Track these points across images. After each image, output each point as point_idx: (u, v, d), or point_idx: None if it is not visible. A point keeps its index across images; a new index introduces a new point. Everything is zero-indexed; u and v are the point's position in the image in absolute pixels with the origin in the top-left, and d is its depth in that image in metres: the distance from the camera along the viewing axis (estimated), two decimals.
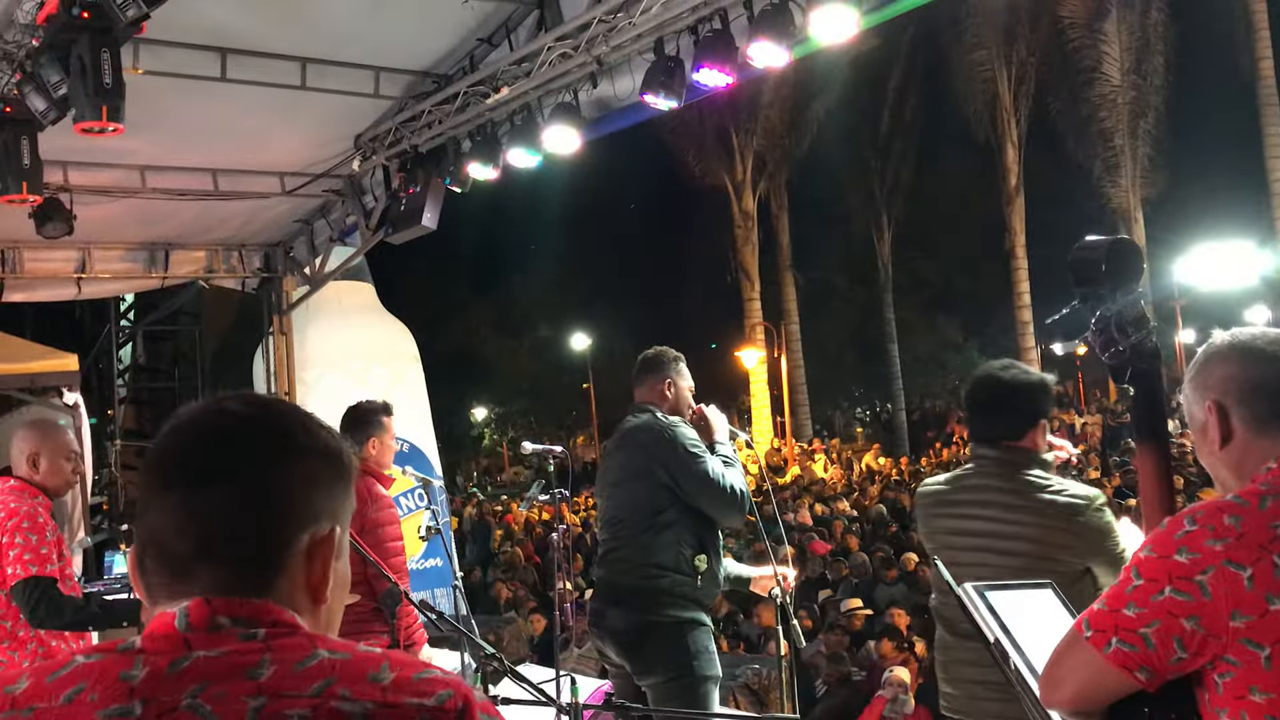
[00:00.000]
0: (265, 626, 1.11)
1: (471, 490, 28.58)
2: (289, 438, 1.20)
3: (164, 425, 1.22)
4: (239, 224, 9.43)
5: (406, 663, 1.13)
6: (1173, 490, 1.85)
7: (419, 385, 10.98)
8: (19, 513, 3.92)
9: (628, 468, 4.25)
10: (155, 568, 1.15)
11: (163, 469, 1.17)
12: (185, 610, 1.11)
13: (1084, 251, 1.87)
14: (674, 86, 6.00)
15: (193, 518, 1.13)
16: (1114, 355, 1.81)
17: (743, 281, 29.23)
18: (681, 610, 4.02)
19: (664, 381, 4.37)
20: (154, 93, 6.18)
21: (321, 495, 1.20)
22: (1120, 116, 25.17)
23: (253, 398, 1.24)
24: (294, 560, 1.17)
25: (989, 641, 2.40)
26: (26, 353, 8.65)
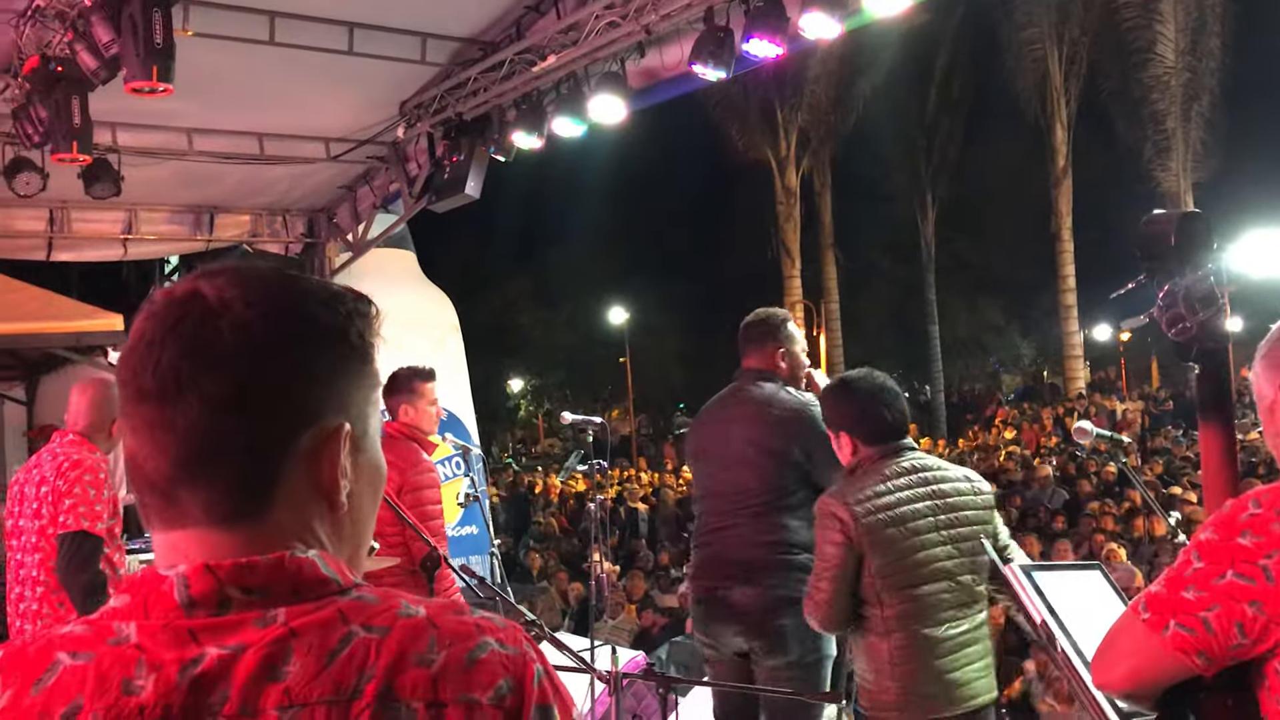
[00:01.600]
0: (284, 598, 0.93)
1: (507, 461, 28.73)
2: (274, 322, 0.98)
3: (138, 313, 1.02)
4: (284, 189, 9.47)
5: (457, 632, 0.94)
6: (1236, 471, 1.81)
7: (458, 354, 11.01)
8: (82, 464, 3.98)
9: (757, 443, 4.00)
10: (141, 488, 0.98)
11: (131, 371, 0.97)
12: (184, 579, 0.92)
13: (1153, 225, 1.82)
14: (723, 57, 5.94)
15: (167, 435, 0.95)
16: (1181, 332, 1.75)
17: (783, 258, 29.05)
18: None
19: (779, 349, 4.17)
20: (202, 55, 6.20)
21: (320, 389, 1.00)
22: (1173, 99, 24.70)
23: (234, 273, 1.01)
24: (294, 466, 0.98)
25: (1035, 622, 2.37)
26: (73, 312, 8.74)
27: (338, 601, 0.94)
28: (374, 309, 1.08)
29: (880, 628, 3.29)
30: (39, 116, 6.02)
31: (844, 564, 3.28)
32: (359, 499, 1.04)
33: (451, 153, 7.86)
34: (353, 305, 1.05)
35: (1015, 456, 18.19)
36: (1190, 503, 10.50)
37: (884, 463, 3.39)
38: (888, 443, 3.42)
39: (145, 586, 0.94)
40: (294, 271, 1.08)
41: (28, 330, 8.28)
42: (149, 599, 0.93)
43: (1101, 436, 3.83)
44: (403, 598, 0.97)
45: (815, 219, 30.93)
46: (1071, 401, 25.06)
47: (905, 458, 3.41)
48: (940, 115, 30.56)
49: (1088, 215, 27.27)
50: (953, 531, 3.34)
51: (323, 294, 1.04)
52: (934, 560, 3.30)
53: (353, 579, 0.98)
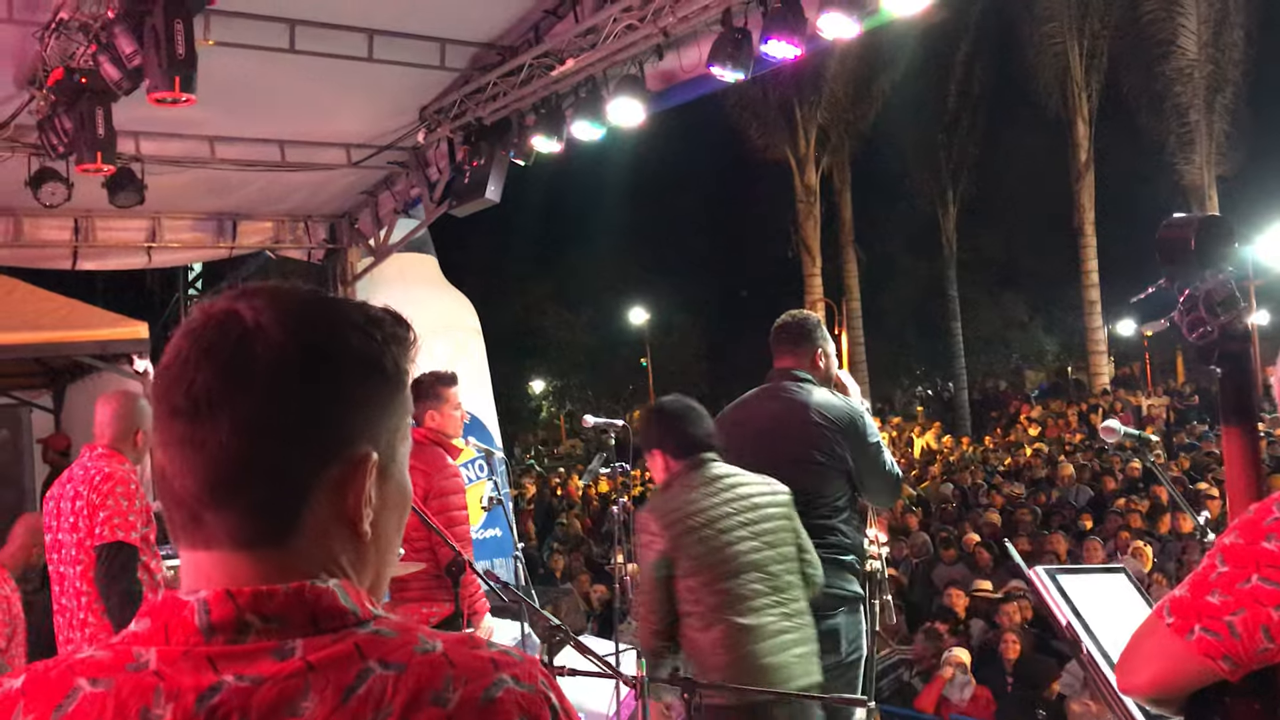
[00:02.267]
0: (302, 628, 0.93)
1: (529, 463, 28.78)
2: (309, 348, 0.98)
3: (177, 329, 1.02)
4: (305, 195, 9.52)
5: (473, 669, 0.94)
6: (1261, 475, 1.80)
7: (480, 357, 11.04)
8: (113, 477, 4.07)
9: (816, 446, 4.02)
10: (168, 504, 0.99)
11: (165, 388, 0.98)
12: (205, 604, 0.93)
13: (1172, 229, 1.81)
14: (741, 58, 5.94)
15: (197, 455, 0.95)
16: (1202, 336, 1.75)
17: (804, 257, 28.99)
18: (857, 587, 3.98)
19: (816, 352, 4.23)
20: (224, 64, 6.25)
21: (353, 416, 0.99)
22: (1196, 91, 24.50)
23: (272, 296, 1.01)
24: (321, 493, 0.98)
25: (1061, 625, 2.36)
26: (98, 320, 8.82)
27: (356, 634, 0.94)
28: (411, 334, 1.08)
29: (699, 624, 3.51)
30: (64, 127, 6.08)
31: (662, 574, 3.57)
32: (383, 526, 1.04)
33: (471, 157, 7.89)
34: (390, 331, 1.05)
35: (1040, 454, 18.10)
36: (1215, 498, 10.43)
37: (691, 474, 3.69)
38: (693, 456, 3.71)
39: (166, 611, 0.95)
40: (332, 295, 1.07)
41: (54, 339, 8.36)
42: (170, 624, 0.94)
43: (1129, 435, 3.81)
44: (420, 631, 0.97)
45: (835, 217, 30.86)
46: (1096, 397, 24.90)
47: (709, 469, 3.70)
48: (960, 111, 30.41)
49: (1110, 209, 27.09)
50: (758, 527, 3.61)
51: (360, 319, 1.03)
52: (742, 554, 3.56)
53: (372, 610, 0.98)
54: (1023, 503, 13.18)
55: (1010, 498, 13.67)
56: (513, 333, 33.38)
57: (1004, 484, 14.98)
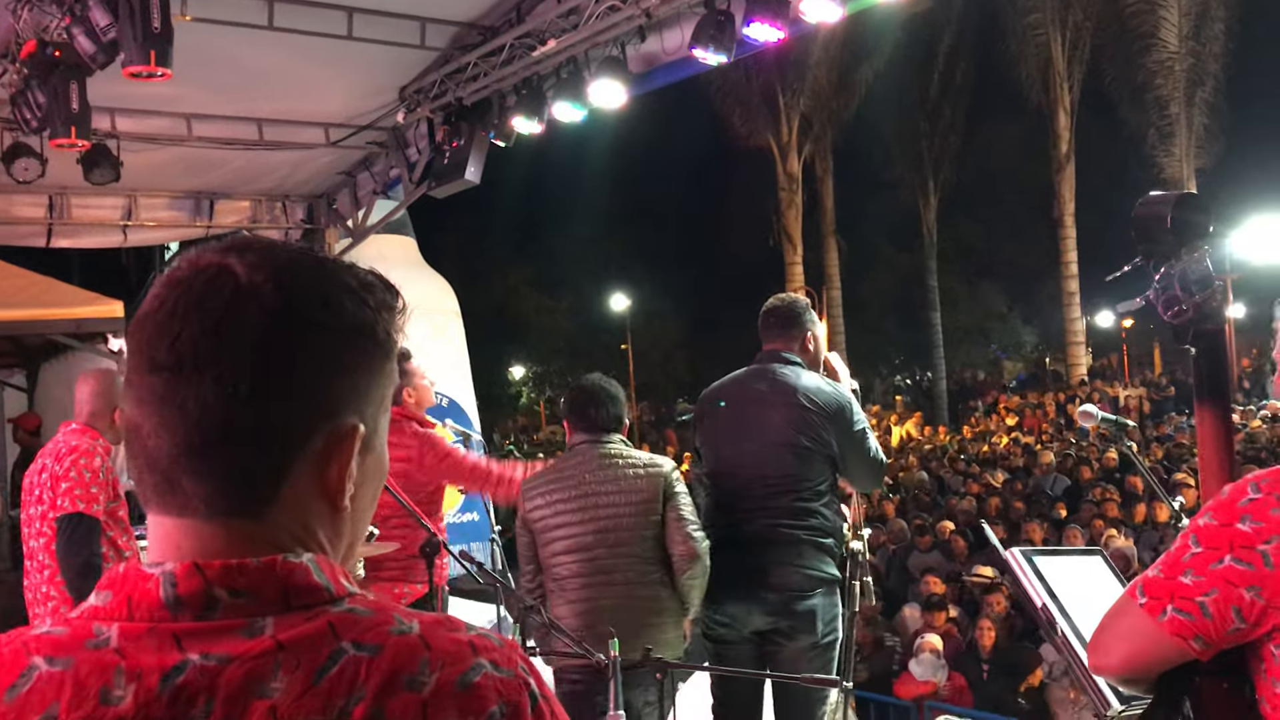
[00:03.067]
0: (273, 605, 0.88)
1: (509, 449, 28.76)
2: (304, 312, 0.93)
3: (159, 278, 0.95)
4: (283, 175, 9.45)
5: (450, 653, 0.90)
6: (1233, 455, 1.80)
7: (459, 340, 11.02)
8: (78, 449, 4.08)
9: (804, 430, 3.99)
10: (140, 465, 0.93)
11: (145, 339, 0.92)
12: (171, 576, 0.88)
13: (1148, 207, 1.80)
14: (724, 41, 5.92)
15: (177, 414, 0.89)
16: (1177, 314, 1.74)
17: (785, 245, 29.01)
18: (835, 570, 3.98)
19: (805, 335, 4.21)
20: (201, 40, 6.19)
21: (342, 384, 0.95)
22: (1176, 84, 24.62)
23: (266, 252, 0.95)
24: (303, 463, 0.93)
25: (1035, 607, 2.36)
26: (73, 298, 8.74)
27: (329, 613, 0.90)
28: (401, 301, 1.04)
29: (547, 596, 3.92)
30: (37, 102, 6.00)
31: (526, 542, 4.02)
32: (360, 499, 1.00)
33: (451, 138, 7.84)
34: (382, 297, 1.01)
35: (1018, 443, 18.20)
36: (1191, 487, 10.50)
37: (579, 449, 4.02)
38: (591, 434, 4.03)
39: (129, 584, 0.89)
40: (324, 255, 1.02)
41: (28, 317, 8.28)
42: (133, 597, 0.88)
43: (1106, 420, 3.82)
44: (396, 611, 0.93)
45: (817, 205, 30.88)
46: (1074, 388, 25.06)
47: (601, 448, 3.98)
48: (943, 100, 30.47)
49: (1090, 201, 27.21)
50: (595, 512, 3.87)
51: (354, 283, 0.99)
52: (570, 535, 3.88)
53: (346, 587, 0.94)
54: (998, 490, 13.25)
55: (986, 486, 13.74)
56: (492, 317, 33.27)
57: (981, 472, 15.05)
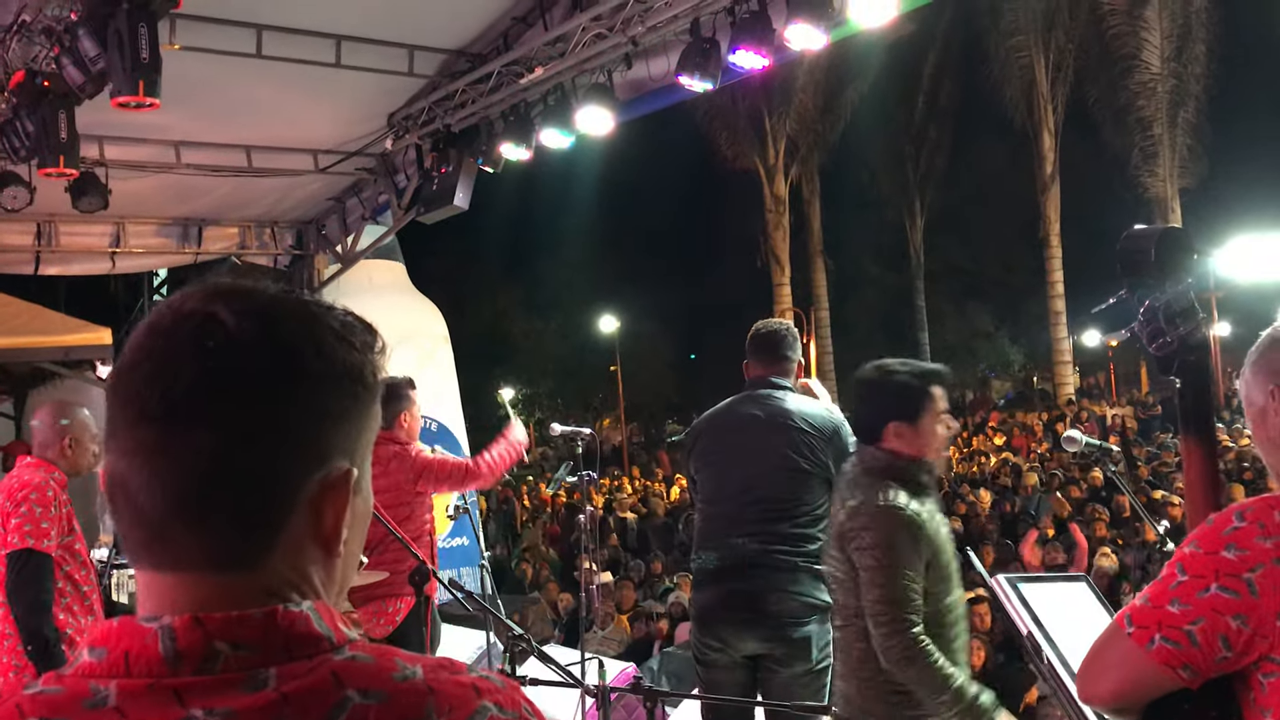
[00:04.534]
0: (275, 656, 0.87)
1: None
2: (296, 359, 0.92)
3: (139, 326, 0.93)
4: (272, 201, 9.46)
5: (455, 697, 0.89)
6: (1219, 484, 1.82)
7: (448, 365, 11.01)
8: (30, 484, 3.98)
9: (801, 455, 4.00)
10: (124, 517, 0.90)
11: (132, 391, 0.89)
12: (170, 630, 0.86)
13: (1132, 241, 1.84)
14: (709, 68, 5.97)
15: (168, 468, 0.88)
16: (1161, 346, 1.78)
17: (773, 266, 29.08)
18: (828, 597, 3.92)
19: (797, 361, 4.26)
20: (190, 68, 6.21)
21: (335, 429, 0.94)
22: (1159, 105, 24.82)
23: (250, 300, 0.94)
24: (299, 512, 0.92)
25: (1022, 635, 2.38)
26: (61, 326, 8.72)
27: (331, 661, 0.88)
28: (380, 341, 1.02)
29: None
30: (26, 131, 6.01)
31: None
32: (351, 543, 0.99)
33: (440, 164, 7.87)
34: (365, 338, 0.99)
35: (1005, 463, 18.24)
36: (1175, 505, 10.54)
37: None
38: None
39: (125, 639, 0.87)
40: (303, 296, 1.00)
41: (16, 345, 8.26)
42: (130, 652, 0.86)
43: (1090, 445, 3.84)
44: (397, 656, 0.92)
45: (804, 227, 30.99)
46: (1061, 407, 25.13)
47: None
48: (928, 122, 30.68)
49: (1076, 221, 27.37)
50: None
51: (338, 325, 0.97)
52: None
53: (346, 634, 0.92)
54: (986, 511, 13.27)
55: (973, 506, 13.75)
56: (481, 340, 33.23)
57: (968, 492, 15.07)
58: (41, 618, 3.83)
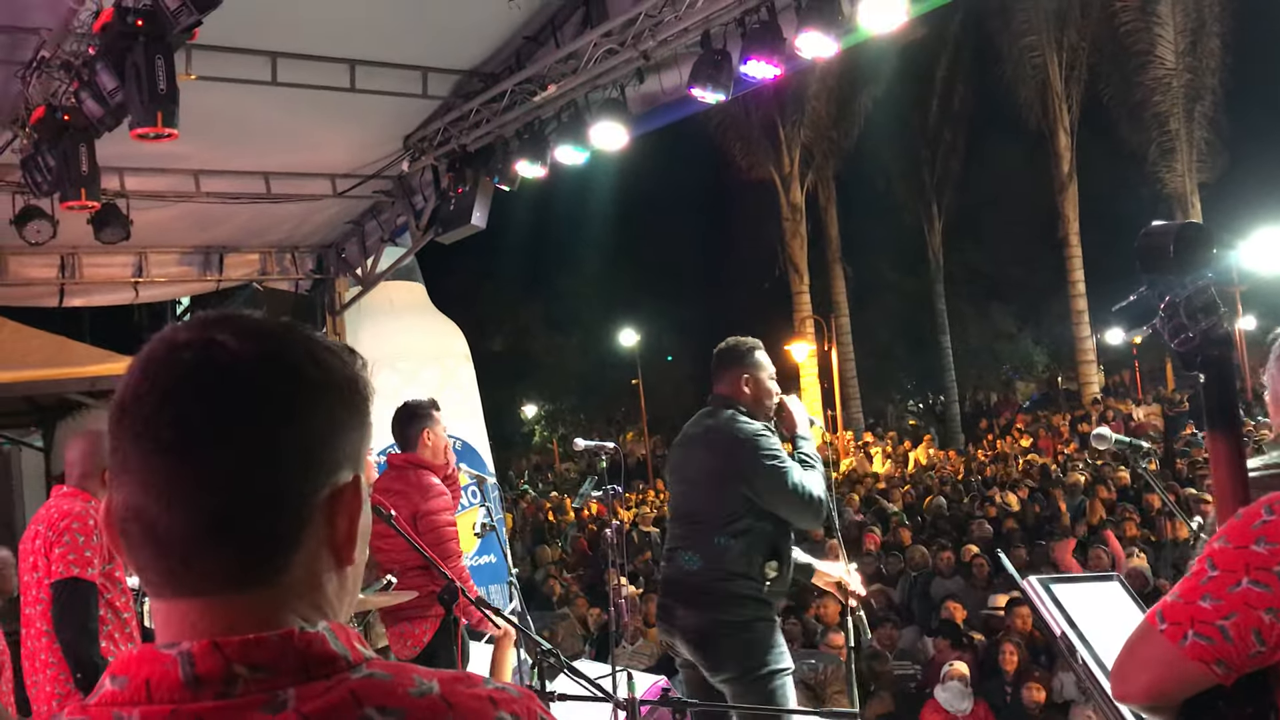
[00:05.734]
0: (293, 676, 0.88)
1: (523, 488, 28.72)
2: (300, 376, 0.95)
3: (137, 359, 0.96)
4: (291, 226, 9.53)
5: (471, 709, 0.91)
6: (1246, 479, 1.81)
7: (470, 383, 11.04)
8: (70, 514, 4.03)
9: (706, 469, 4.17)
10: (143, 548, 0.92)
11: (142, 422, 0.91)
12: (189, 656, 0.87)
13: (1151, 238, 1.83)
14: (721, 79, 5.98)
15: (190, 494, 0.89)
16: (1183, 342, 1.77)
17: (791, 275, 29.06)
18: (750, 611, 4.00)
19: (742, 376, 4.26)
20: (206, 98, 6.27)
21: (341, 440, 0.96)
22: (1175, 100, 24.70)
23: (247, 324, 0.97)
24: (314, 523, 0.94)
25: (1054, 635, 2.36)
26: (86, 356, 8.80)
27: (349, 680, 0.89)
28: (361, 358, 1.06)
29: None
30: (47, 165, 6.08)
31: None
32: (358, 555, 1.01)
33: (456, 184, 7.92)
34: (349, 354, 1.03)
35: (1032, 465, 18.12)
36: (1209, 502, 10.43)
37: None
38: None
39: (146, 667, 0.88)
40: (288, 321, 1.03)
41: (43, 377, 8.34)
42: (151, 679, 0.87)
43: (1120, 442, 3.81)
44: (414, 672, 0.93)
45: (822, 234, 30.97)
46: (1087, 407, 24.96)
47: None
48: (942, 125, 30.62)
49: (1095, 219, 27.24)
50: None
51: (325, 342, 1.01)
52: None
53: (363, 653, 0.94)
54: (1016, 513, 13.19)
55: (1003, 509, 13.67)
56: (503, 358, 33.39)
57: (999, 495, 14.98)
58: (90, 645, 3.89)
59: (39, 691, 4.05)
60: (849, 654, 4.29)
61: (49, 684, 4.00)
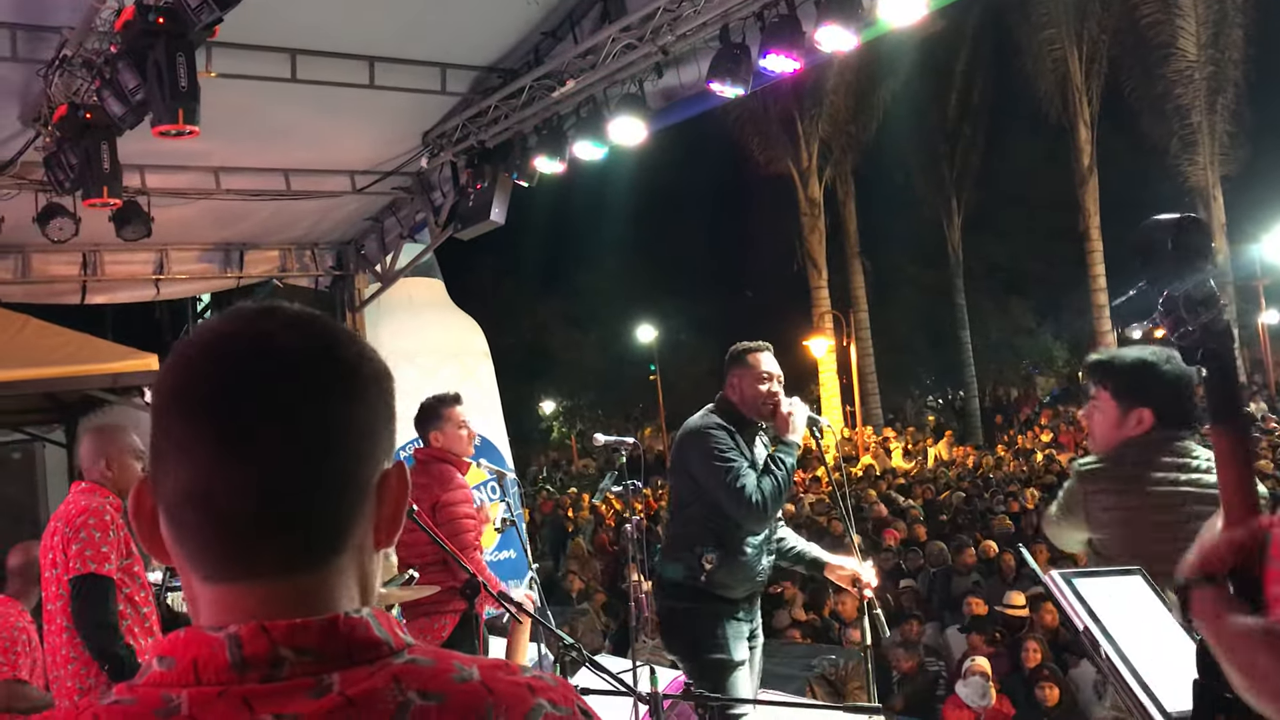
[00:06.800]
0: (338, 661, 0.89)
1: (542, 484, 28.77)
2: (352, 366, 0.98)
3: (182, 349, 0.97)
4: (311, 223, 9.57)
5: (511, 696, 0.92)
6: (1254, 473, 1.79)
7: (489, 379, 11.06)
8: (88, 509, 4.04)
9: (673, 461, 4.41)
10: (201, 532, 0.92)
11: (204, 408, 0.92)
12: (237, 639, 0.88)
13: (1148, 232, 1.83)
14: (740, 74, 5.97)
15: (258, 473, 0.91)
16: (1184, 336, 1.76)
17: (810, 270, 29.01)
18: (690, 600, 4.15)
19: (730, 379, 4.43)
20: (227, 95, 6.29)
21: (386, 427, 1.00)
22: (1197, 92, 24.52)
23: (294, 315, 0.99)
24: (367, 506, 0.97)
25: (1078, 630, 2.35)
26: (108, 353, 8.85)
27: (392, 665, 0.91)
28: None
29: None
30: (69, 163, 6.13)
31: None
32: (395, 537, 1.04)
33: (475, 180, 7.93)
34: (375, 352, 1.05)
35: (1054, 460, 18.04)
36: None
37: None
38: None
39: (193, 648, 0.89)
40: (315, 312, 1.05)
41: (65, 373, 8.39)
42: (199, 660, 0.88)
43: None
44: (455, 659, 0.95)
45: (840, 229, 30.89)
46: None
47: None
48: (961, 119, 30.47)
49: (1115, 213, 27.04)
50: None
51: (359, 338, 1.03)
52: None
53: (404, 639, 0.95)
54: (1037, 509, 13.13)
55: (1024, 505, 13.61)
56: (521, 354, 33.40)
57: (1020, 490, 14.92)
58: (111, 638, 3.91)
59: (59, 686, 4.08)
60: (868, 651, 4.29)
61: (70, 679, 4.02)
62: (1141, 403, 2.96)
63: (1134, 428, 2.97)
